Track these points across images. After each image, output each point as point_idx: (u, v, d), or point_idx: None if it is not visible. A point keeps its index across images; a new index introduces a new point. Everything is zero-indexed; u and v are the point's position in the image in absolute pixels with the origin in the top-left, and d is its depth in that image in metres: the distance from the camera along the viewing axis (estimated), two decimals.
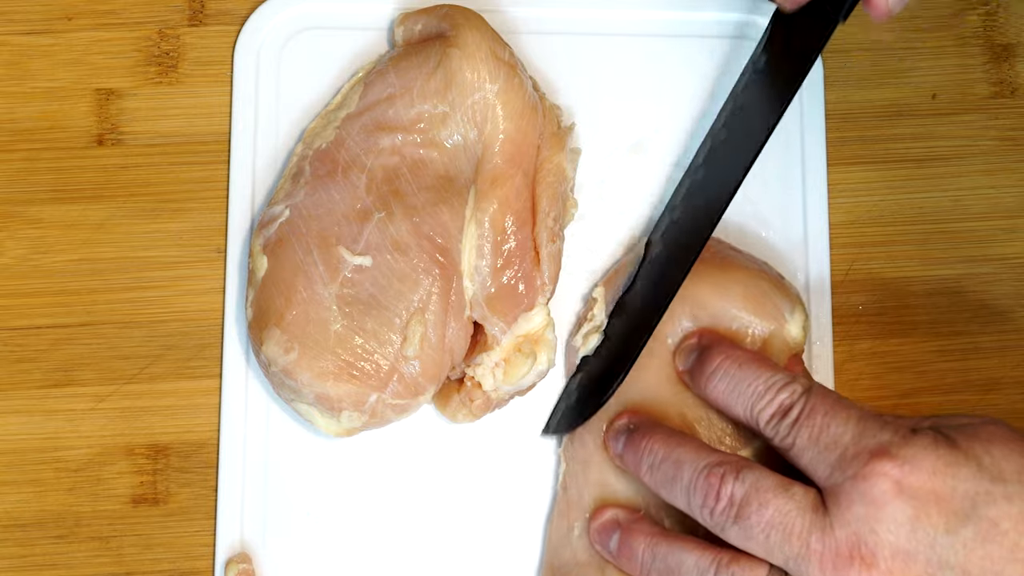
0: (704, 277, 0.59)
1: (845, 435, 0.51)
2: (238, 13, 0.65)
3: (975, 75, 0.67)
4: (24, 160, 0.63)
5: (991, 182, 0.66)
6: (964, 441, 0.50)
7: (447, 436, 0.61)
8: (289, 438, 0.61)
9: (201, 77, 0.64)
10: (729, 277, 0.59)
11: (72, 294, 0.62)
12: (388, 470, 0.61)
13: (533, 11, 0.65)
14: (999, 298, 0.65)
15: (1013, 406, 0.64)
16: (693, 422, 0.58)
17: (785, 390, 0.53)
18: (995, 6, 0.68)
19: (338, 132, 0.60)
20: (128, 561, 0.60)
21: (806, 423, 0.52)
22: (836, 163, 0.65)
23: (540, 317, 0.59)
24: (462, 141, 0.60)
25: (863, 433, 0.50)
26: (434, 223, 0.58)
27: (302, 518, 0.60)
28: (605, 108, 0.65)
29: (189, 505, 0.61)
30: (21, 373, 0.61)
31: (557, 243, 0.60)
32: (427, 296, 0.58)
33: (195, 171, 0.63)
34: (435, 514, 0.61)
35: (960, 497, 0.48)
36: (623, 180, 0.64)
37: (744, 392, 0.54)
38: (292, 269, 0.58)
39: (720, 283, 0.59)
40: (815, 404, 0.52)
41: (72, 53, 0.64)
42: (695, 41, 0.65)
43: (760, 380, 0.54)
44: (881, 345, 0.64)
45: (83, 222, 0.62)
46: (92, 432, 0.61)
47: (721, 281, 0.59)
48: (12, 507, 0.60)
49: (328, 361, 0.57)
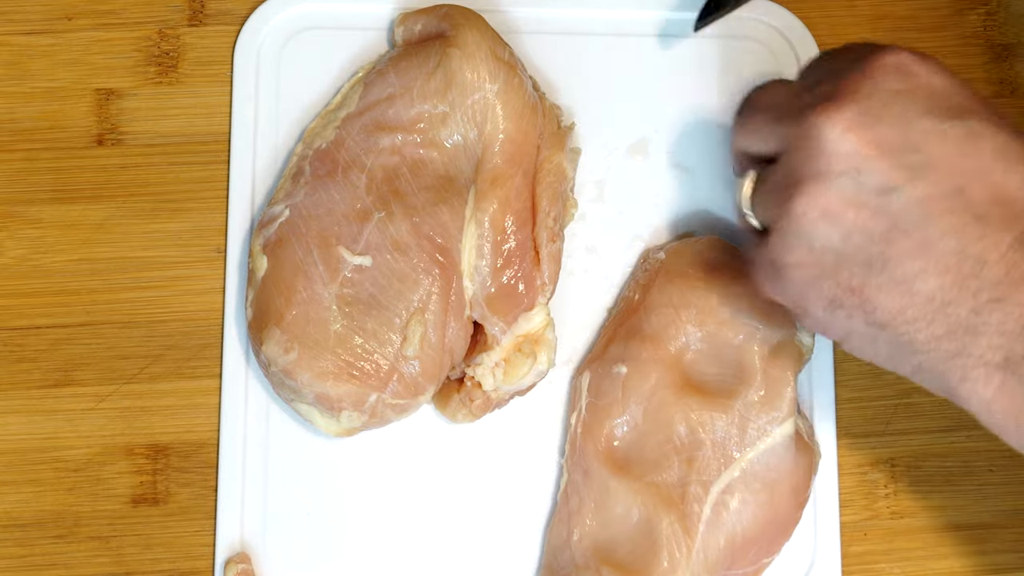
0: (713, 286, 0.59)
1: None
2: (238, 13, 0.65)
3: (975, 75, 0.67)
4: (24, 160, 0.63)
5: None
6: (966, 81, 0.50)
7: (447, 436, 0.61)
8: (289, 438, 0.61)
9: (201, 77, 0.64)
10: (740, 287, 0.59)
11: (72, 294, 0.62)
12: (388, 470, 0.61)
13: (533, 11, 0.65)
14: None
15: None
16: (697, 426, 0.58)
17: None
18: (995, 6, 0.68)
19: (338, 132, 0.60)
20: (128, 561, 0.60)
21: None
22: None
23: (540, 317, 0.59)
24: (462, 141, 0.60)
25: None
26: (434, 223, 0.58)
27: (302, 518, 0.60)
28: (605, 108, 0.65)
29: (189, 505, 0.61)
30: (21, 373, 0.61)
31: (557, 243, 0.60)
32: (427, 296, 0.58)
33: (195, 171, 0.63)
34: (435, 514, 0.61)
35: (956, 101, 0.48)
36: (623, 180, 0.64)
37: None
38: (292, 269, 0.58)
39: (730, 292, 0.59)
40: None
41: (72, 53, 0.64)
42: (695, 41, 0.65)
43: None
44: None
45: (83, 222, 0.62)
46: (92, 432, 0.61)
47: (731, 291, 0.59)
48: (12, 507, 0.60)
49: (328, 361, 0.57)
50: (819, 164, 0.48)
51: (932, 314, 0.47)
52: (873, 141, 0.47)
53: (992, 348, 0.46)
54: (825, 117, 0.48)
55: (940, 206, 0.47)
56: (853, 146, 0.47)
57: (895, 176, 0.47)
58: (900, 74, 0.48)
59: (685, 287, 0.60)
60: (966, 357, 0.47)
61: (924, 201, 0.47)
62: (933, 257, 0.47)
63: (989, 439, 0.63)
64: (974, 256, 0.46)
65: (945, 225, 0.47)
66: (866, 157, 0.47)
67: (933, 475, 0.63)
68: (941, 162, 0.47)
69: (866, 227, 0.47)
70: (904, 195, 0.47)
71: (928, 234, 0.47)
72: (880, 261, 0.47)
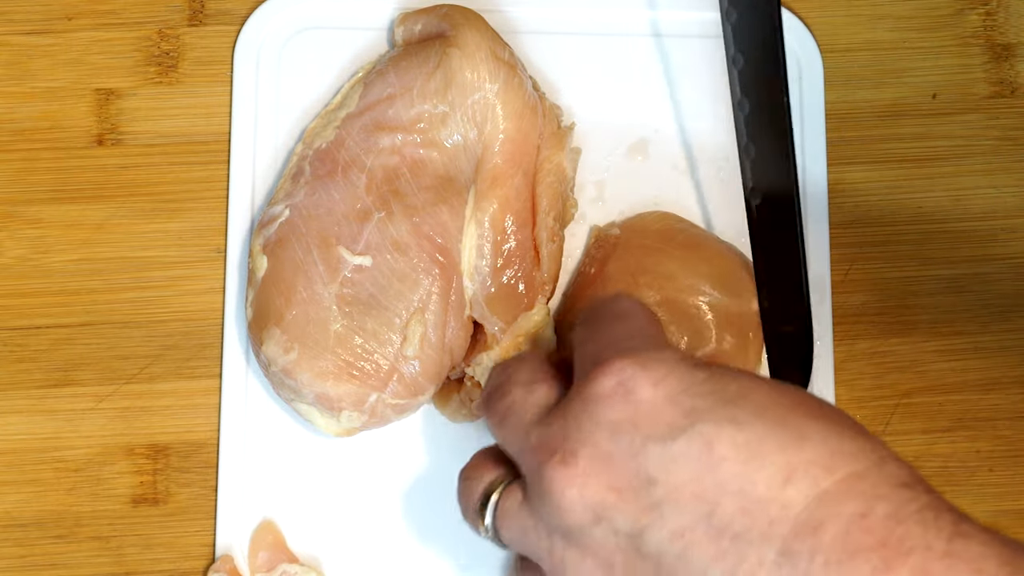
0: (672, 254, 0.60)
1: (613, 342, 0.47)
2: (238, 13, 0.65)
3: (975, 75, 0.67)
4: (24, 160, 0.63)
5: (991, 182, 0.66)
6: (718, 368, 0.45)
7: (447, 436, 0.61)
8: (289, 438, 0.61)
9: (201, 77, 0.64)
10: (697, 255, 0.60)
11: (72, 294, 0.62)
12: (388, 470, 0.61)
13: (533, 11, 0.65)
14: (999, 298, 0.65)
15: (1013, 406, 0.64)
16: None
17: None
18: (995, 6, 0.68)
19: (338, 132, 0.60)
20: (128, 561, 0.60)
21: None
22: (836, 163, 0.65)
23: (540, 317, 0.59)
24: (462, 141, 0.60)
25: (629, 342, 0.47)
26: (434, 223, 0.58)
27: (302, 518, 0.60)
28: (605, 108, 0.65)
29: (189, 505, 0.60)
30: (21, 373, 0.61)
31: (557, 243, 0.60)
32: (427, 296, 0.58)
33: (195, 171, 0.63)
34: (435, 514, 0.61)
35: (682, 410, 0.43)
36: (623, 180, 0.64)
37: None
38: (292, 269, 0.58)
39: (689, 259, 0.60)
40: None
41: (72, 53, 0.64)
42: (695, 41, 0.65)
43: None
44: (881, 345, 0.64)
45: (83, 222, 0.62)
46: (92, 432, 0.61)
47: (690, 258, 0.60)
48: (12, 507, 0.60)
49: (328, 361, 0.57)
50: (569, 519, 0.44)
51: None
52: (610, 487, 0.44)
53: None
54: (557, 474, 0.44)
55: (693, 537, 0.42)
56: (593, 498, 0.44)
57: (640, 518, 0.43)
58: (621, 398, 0.44)
59: (642, 255, 0.60)
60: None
61: (676, 536, 0.42)
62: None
63: (989, 439, 0.64)
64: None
65: (705, 556, 0.42)
66: (609, 505, 0.44)
67: (933, 475, 0.63)
68: (681, 490, 0.42)
69: (636, 571, 0.44)
70: (655, 534, 0.43)
71: (692, 569, 0.42)
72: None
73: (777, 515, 0.41)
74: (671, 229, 0.61)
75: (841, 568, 0.40)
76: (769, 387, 0.45)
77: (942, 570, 0.39)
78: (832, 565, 0.40)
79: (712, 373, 0.45)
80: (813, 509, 0.41)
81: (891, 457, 0.43)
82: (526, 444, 0.47)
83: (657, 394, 0.44)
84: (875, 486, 0.41)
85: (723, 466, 0.42)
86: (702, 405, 0.43)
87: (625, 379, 0.44)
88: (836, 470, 0.42)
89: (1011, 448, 0.64)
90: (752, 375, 0.45)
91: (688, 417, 0.43)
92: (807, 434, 0.42)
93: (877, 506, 0.41)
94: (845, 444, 0.43)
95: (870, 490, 0.41)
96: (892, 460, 0.43)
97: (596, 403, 0.45)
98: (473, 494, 0.50)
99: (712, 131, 0.65)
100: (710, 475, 0.42)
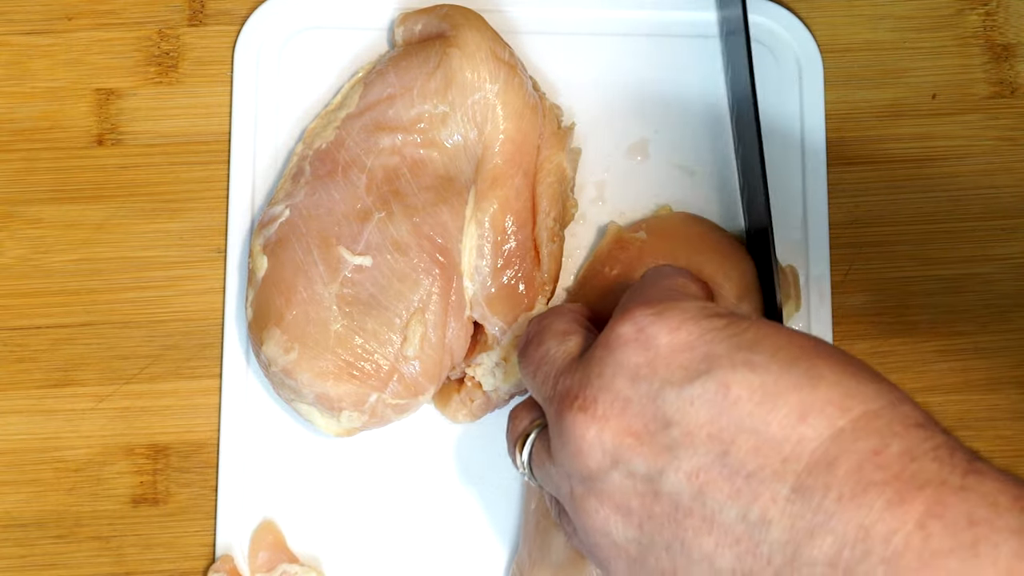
0: (704, 260, 0.60)
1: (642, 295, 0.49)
2: (238, 13, 0.65)
3: (975, 75, 0.67)
4: (24, 160, 0.63)
5: (990, 182, 0.66)
6: (736, 315, 0.46)
7: (447, 436, 0.61)
8: (289, 438, 0.61)
9: (201, 77, 0.64)
10: (730, 262, 0.60)
11: (72, 294, 0.62)
12: (388, 470, 0.61)
13: (533, 11, 0.65)
14: (999, 298, 0.65)
15: (1013, 406, 0.64)
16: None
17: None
18: (995, 6, 0.68)
19: (338, 132, 0.60)
20: (128, 561, 0.60)
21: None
22: (836, 163, 0.65)
23: None
24: (462, 141, 0.60)
25: (655, 293, 0.48)
26: (434, 223, 0.58)
27: (302, 518, 0.60)
28: (605, 108, 0.65)
29: (189, 505, 0.61)
30: (21, 373, 0.61)
31: (557, 243, 0.60)
32: (427, 296, 0.58)
33: (195, 171, 0.63)
34: (435, 514, 0.61)
35: (699, 355, 0.44)
36: (623, 180, 0.64)
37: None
38: (292, 269, 0.58)
39: (721, 263, 0.60)
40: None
41: (72, 53, 0.64)
42: (695, 41, 0.65)
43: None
44: (881, 345, 0.64)
45: (83, 222, 0.62)
46: (92, 432, 0.61)
47: (719, 260, 0.60)
48: (12, 507, 0.60)
49: (328, 361, 0.57)
50: (587, 464, 0.46)
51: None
52: (627, 430, 0.45)
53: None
54: (577, 419, 0.46)
55: (709, 476, 0.43)
56: (611, 442, 0.45)
57: (657, 460, 0.44)
58: (639, 345, 0.45)
59: (675, 261, 0.60)
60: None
61: (692, 476, 0.43)
62: (720, 530, 0.43)
63: (989, 439, 0.64)
64: (756, 520, 0.42)
65: (720, 495, 0.43)
66: (627, 447, 0.45)
67: None
68: (697, 431, 0.43)
69: (653, 513, 0.45)
70: (671, 476, 0.44)
71: (708, 508, 0.43)
72: (678, 544, 0.44)
73: (791, 453, 0.42)
74: (699, 234, 0.61)
75: (854, 501, 0.40)
76: (786, 333, 0.45)
77: (956, 503, 0.39)
78: (845, 499, 0.40)
79: (730, 321, 0.45)
80: (827, 446, 0.41)
81: (906, 399, 0.43)
82: (553, 392, 0.48)
83: (674, 340, 0.45)
84: (890, 424, 0.42)
85: (738, 407, 0.43)
86: (719, 350, 0.44)
87: (645, 326, 0.45)
88: (851, 409, 0.42)
89: (1011, 448, 0.64)
90: (770, 323, 0.46)
91: (705, 361, 0.44)
92: (822, 375, 0.43)
93: (892, 443, 0.41)
94: (861, 386, 0.43)
95: (885, 428, 0.42)
96: (907, 402, 0.43)
97: (615, 350, 0.46)
98: (514, 433, 0.52)
99: (712, 131, 0.65)
100: (725, 416, 0.43)
